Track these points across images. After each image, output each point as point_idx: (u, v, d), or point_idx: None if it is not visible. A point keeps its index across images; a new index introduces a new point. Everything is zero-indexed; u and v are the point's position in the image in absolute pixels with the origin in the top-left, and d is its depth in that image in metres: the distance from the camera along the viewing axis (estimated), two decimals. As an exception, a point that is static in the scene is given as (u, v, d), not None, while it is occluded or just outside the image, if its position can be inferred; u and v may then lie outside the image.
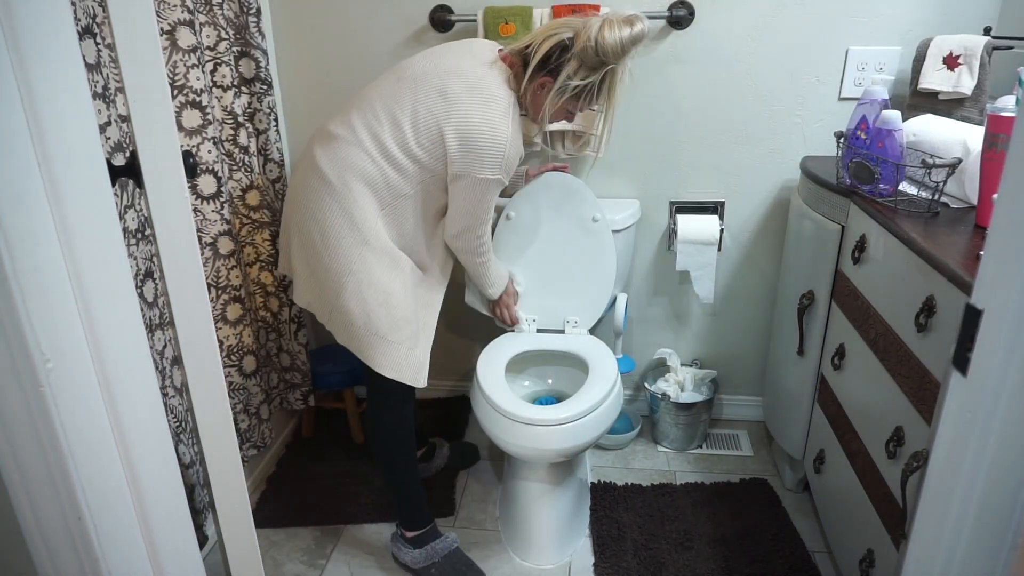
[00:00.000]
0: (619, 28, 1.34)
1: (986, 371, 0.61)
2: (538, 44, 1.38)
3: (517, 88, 1.41)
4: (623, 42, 1.35)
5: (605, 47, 1.34)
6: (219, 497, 0.98)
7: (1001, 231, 0.60)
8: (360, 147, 1.37)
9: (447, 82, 1.36)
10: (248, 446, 1.76)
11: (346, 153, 1.37)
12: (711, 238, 1.85)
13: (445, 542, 1.58)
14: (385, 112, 1.37)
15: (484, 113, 1.34)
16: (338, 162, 1.37)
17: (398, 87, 1.39)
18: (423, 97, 1.36)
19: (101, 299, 0.73)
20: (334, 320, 1.43)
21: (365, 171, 1.37)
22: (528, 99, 1.44)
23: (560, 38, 1.36)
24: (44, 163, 0.66)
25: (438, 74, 1.37)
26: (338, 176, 1.36)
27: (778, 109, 1.83)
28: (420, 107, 1.35)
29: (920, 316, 1.09)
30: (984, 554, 0.65)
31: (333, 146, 1.38)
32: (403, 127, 1.36)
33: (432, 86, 1.36)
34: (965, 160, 1.26)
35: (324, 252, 1.38)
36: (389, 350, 1.41)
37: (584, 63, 1.36)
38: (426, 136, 1.35)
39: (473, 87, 1.35)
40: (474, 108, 1.34)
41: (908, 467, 1.05)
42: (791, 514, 1.74)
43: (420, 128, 1.35)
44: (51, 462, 0.72)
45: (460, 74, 1.37)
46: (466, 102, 1.35)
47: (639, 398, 2.21)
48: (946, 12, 1.69)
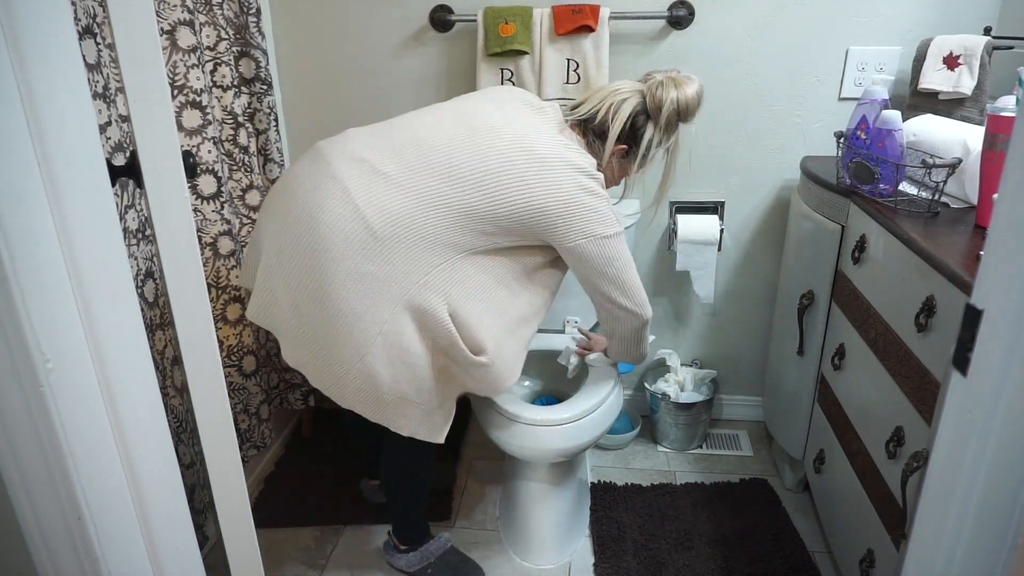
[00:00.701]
0: (689, 85, 1.33)
1: (986, 371, 0.61)
2: (613, 112, 1.32)
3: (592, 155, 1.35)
4: (699, 97, 1.34)
5: (688, 106, 1.33)
6: (219, 497, 0.98)
7: (1001, 231, 0.59)
8: (422, 202, 1.18)
9: (534, 142, 1.24)
10: (248, 446, 1.76)
11: (405, 205, 1.18)
12: (711, 238, 1.85)
13: (438, 542, 1.58)
14: (456, 172, 1.20)
15: (579, 181, 1.25)
16: (392, 212, 1.17)
17: (471, 141, 1.23)
18: (509, 159, 1.22)
19: (101, 299, 0.73)
20: (345, 385, 1.22)
21: (424, 229, 1.18)
22: (612, 168, 1.39)
23: (633, 104, 1.33)
24: (44, 163, 0.66)
25: (521, 129, 1.26)
26: (390, 229, 1.16)
27: (778, 109, 1.83)
28: (506, 174, 1.21)
29: (920, 316, 1.09)
30: (984, 554, 0.65)
31: (381, 187, 1.18)
32: (486, 188, 1.20)
33: (519, 145, 1.23)
34: (965, 160, 1.26)
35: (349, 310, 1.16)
36: (409, 410, 1.26)
37: (663, 125, 1.33)
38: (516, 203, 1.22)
39: (560, 153, 1.26)
40: (568, 177, 1.24)
41: (908, 467, 1.05)
42: (791, 514, 1.74)
43: (506, 195, 1.21)
44: (51, 462, 0.72)
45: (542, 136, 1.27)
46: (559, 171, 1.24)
47: (639, 398, 2.21)
48: (946, 12, 1.69)
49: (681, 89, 1.32)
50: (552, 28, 1.74)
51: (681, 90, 1.32)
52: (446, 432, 1.34)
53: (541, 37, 1.76)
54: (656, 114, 1.32)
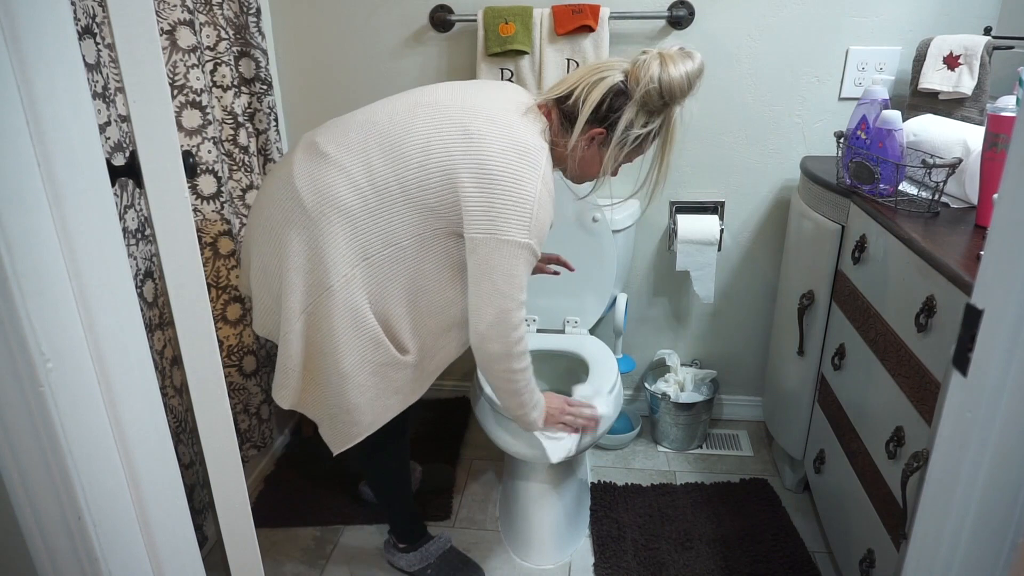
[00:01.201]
0: (681, 63, 1.16)
1: (986, 371, 0.61)
2: (585, 91, 1.18)
3: (554, 143, 1.23)
4: (691, 77, 1.17)
5: (672, 86, 1.15)
6: (219, 497, 0.98)
7: (1001, 231, 0.59)
8: (348, 177, 1.15)
9: (472, 118, 1.15)
10: (248, 446, 1.76)
11: (332, 180, 1.16)
12: (711, 238, 1.85)
13: (438, 543, 1.58)
14: (391, 140, 1.16)
15: (512, 162, 1.12)
16: (320, 187, 1.16)
17: (412, 113, 1.18)
18: (441, 128, 1.15)
19: (101, 299, 0.73)
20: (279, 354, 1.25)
21: (350, 206, 1.15)
22: (577, 155, 1.23)
23: (611, 82, 1.18)
24: (44, 163, 0.66)
25: (463, 108, 1.17)
26: (316, 203, 1.15)
27: (778, 109, 1.83)
28: (435, 141, 1.14)
29: (920, 316, 1.09)
30: (984, 554, 0.65)
31: (319, 166, 1.18)
32: (409, 161, 1.14)
33: (454, 118, 1.16)
34: (965, 160, 1.26)
35: (283, 283, 1.19)
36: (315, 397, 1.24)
37: (645, 107, 1.18)
38: (437, 175, 1.13)
39: (502, 129, 1.15)
40: (500, 154, 1.13)
41: (908, 467, 1.05)
42: (791, 514, 1.74)
43: (431, 165, 1.13)
44: (51, 462, 0.72)
45: (489, 115, 1.16)
46: (492, 145, 1.13)
47: (639, 398, 2.21)
48: (946, 12, 1.69)
49: (667, 66, 1.15)
50: (552, 28, 1.74)
51: (667, 67, 1.15)
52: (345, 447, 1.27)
53: (541, 37, 1.76)
54: (641, 94, 1.17)
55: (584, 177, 1.32)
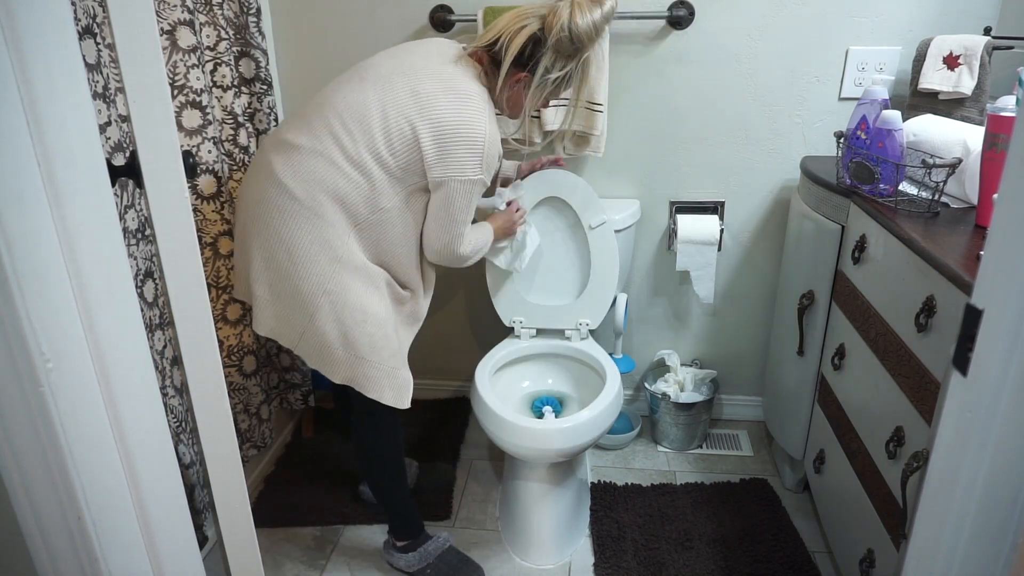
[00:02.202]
0: (590, 10, 1.29)
1: (986, 371, 0.61)
2: (508, 40, 1.32)
3: (489, 85, 1.36)
4: (596, 24, 1.30)
5: (580, 33, 1.29)
6: (219, 497, 0.98)
7: (1001, 231, 0.60)
8: (327, 159, 1.27)
9: (417, 81, 1.29)
10: (248, 446, 1.76)
11: (313, 166, 1.27)
12: (711, 238, 1.85)
13: (437, 542, 1.58)
14: (353, 118, 1.27)
15: (459, 110, 1.27)
16: (304, 175, 1.26)
17: (362, 89, 1.30)
18: (392, 98, 1.28)
19: (101, 299, 0.73)
20: (305, 343, 1.33)
21: (336, 185, 1.27)
22: (504, 97, 1.38)
23: (531, 30, 1.31)
24: (44, 163, 0.66)
25: (405, 73, 1.30)
26: (306, 191, 1.26)
27: (778, 109, 1.83)
28: (390, 109, 1.27)
29: (920, 316, 1.09)
30: (984, 554, 0.65)
31: (296, 158, 1.28)
32: (374, 133, 1.27)
33: (401, 86, 1.28)
34: (965, 160, 1.26)
35: (293, 273, 1.28)
36: (369, 371, 1.33)
37: (560, 53, 1.31)
38: (399, 140, 1.27)
39: (445, 84, 1.29)
40: (448, 106, 1.27)
41: (908, 467, 1.05)
42: (791, 514, 1.74)
43: (392, 132, 1.27)
44: (51, 462, 0.72)
45: (429, 72, 1.30)
46: (440, 100, 1.27)
47: (639, 398, 2.21)
48: (946, 12, 1.69)
49: (575, 15, 1.28)
50: (552, 28, 1.74)
51: (575, 16, 1.28)
52: (410, 396, 1.40)
53: (541, 37, 1.76)
54: (553, 42, 1.30)
55: (514, 116, 1.46)
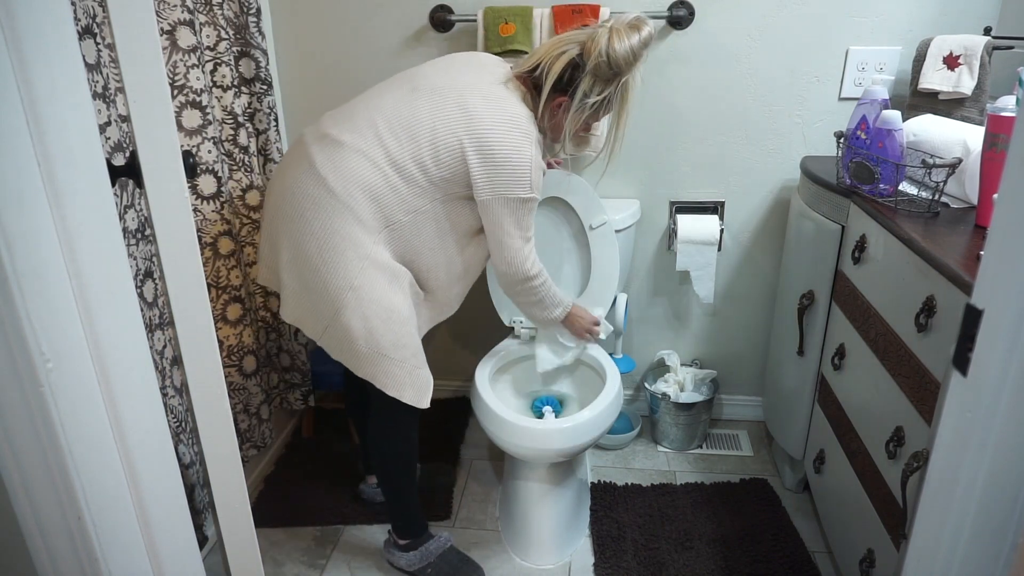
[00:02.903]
0: (628, 36, 1.31)
1: (986, 371, 0.61)
2: (548, 65, 1.34)
3: (532, 109, 1.37)
4: (634, 50, 1.32)
5: (618, 59, 1.31)
6: (219, 497, 0.98)
7: (1001, 231, 0.59)
8: (368, 159, 1.29)
9: (467, 98, 1.31)
10: (248, 446, 1.76)
11: (355, 164, 1.29)
12: (711, 238, 1.85)
13: (438, 542, 1.58)
14: (401, 125, 1.30)
15: (507, 131, 1.30)
16: (344, 172, 1.29)
17: (414, 98, 1.33)
18: (443, 111, 1.30)
19: (101, 299, 0.73)
20: (329, 336, 1.34)
21: (374, 185, 1.29)
22: (546, 121, 1.40)
23: (570, 56, 1.33)
24: (44, 163, 0.66)
25: (457, 89, 1.32)
26: (343, 186, 1.28)
27: (778, 109, 1.83)
28: (439, 122, 1.30)
29: (920, 316, 1.09)
30: (984, 554, 0.65)
31: (338, 154, 1.30)
32: (420, 141, 1.30)
33: (452, 100, 1.31)
34: (965, 160, 1.26)
35: (322, 266, 1.30)
36: (392, 368, 1.34)
37: (599, 78, 1.33)
38: (446, 152, 1.30)
39: (494, 105, 1.31)
40: (497, 126, 1.30)
41: (908, 467, 1.05)
42: (791, 514, 1.74)
43: (440, 146, 1.29)
44: (51, 462, 0.72)
45: (480, 91, 1.32)
46: (488, 120, 1.30)
47: (639, 398, 2.21)
48: (946, 12, 1.69)
49: (614, 41, 1.30)
50: (552, 28, 1.74)
51: (614, 41, 1.30)
52: (429, 396, 1.39)
53: (541, 37, 1.76)
54: (592, 67, 1.32)
55: (555, 140, 1.47)
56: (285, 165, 1.38)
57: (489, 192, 1.32)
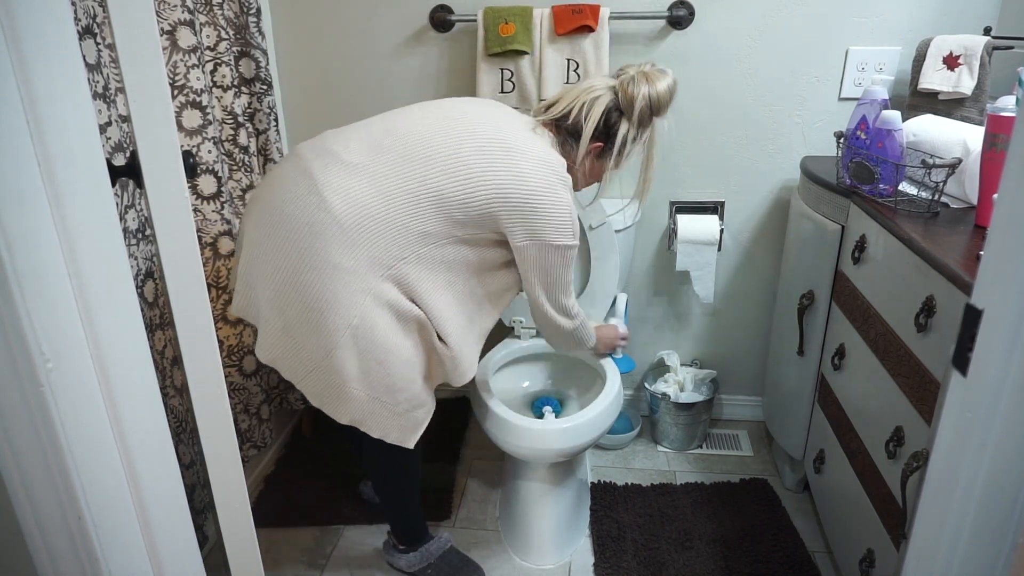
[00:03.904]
0: (662, 79, 1.33)
1: (986, 371, 0.61)
2: (586, 111, 1.32)
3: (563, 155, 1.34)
4: (671, 91, 1.34)
5: (660, 101, 1.32)
6: (219, 497, 0.98)
7: (1001, 231, 0.59)
8: (384, 190, 1.18)
9: (506, 135, 1.24)
10: (248, 446, 1.76)
11: (370, 193, 1.17)
12: (711, 238, 1.85)
13: (438, 542, 1.58)
14: (427, 153, 1.20)
15: (547, 177, 1.24)
16: (356, 199, 1.16)
17: (447, 127, 1.23)
18: (481, 146, 1.21)
19: (101, 299, 0.73)
20: (314, 379, 1.22)
21: (388, 217, 1.17)
22: (586, 167, 1.38)
23: (606, 101, 1.32)
24: (44, 163, 0.66)
25: (495, 123, 1.26)
26: (354, 216, 1.16)
27: (778, 109, 1.83)
28: (477, 159, 1.20)
29: (920, 316, 1.09)
30: (984, 554, 0.65)
31: (348, 176, 1.18)
32: (455, 175, 1.19)
33: (490, 136, 1.23)
34: (965, 160, 1.26)
35: (318, 302, 1.16)
36: (380, 411, 1.25)
37: (639, 122, 1.33)
38: (481, 191, 1.20)
39: (532, 148, 1.26)
40: (535, 171, 1.23)
41: (908, 467, 1.05)
42: (791, 514, 1.74)
43: (474, 181, 1.20)
44: (51, 462, 0.72)
45: (515, 131, 1.27)
46: (527, 163, 1.23)
47: (639, 398, 2.21)
48: (946, 12, 1.69)
49: (653, 84, 1.32)
50: (552, 28, 1.74)
51: (653, 85, 1.32)
52: (417, 437, 1.31)
53: (541, 37, 1.76)
54: (629, 110, 1.32)
55: (585, 184, 1.45)
56: (277, 183, 1.23)
57: (528, 236, 1.25)
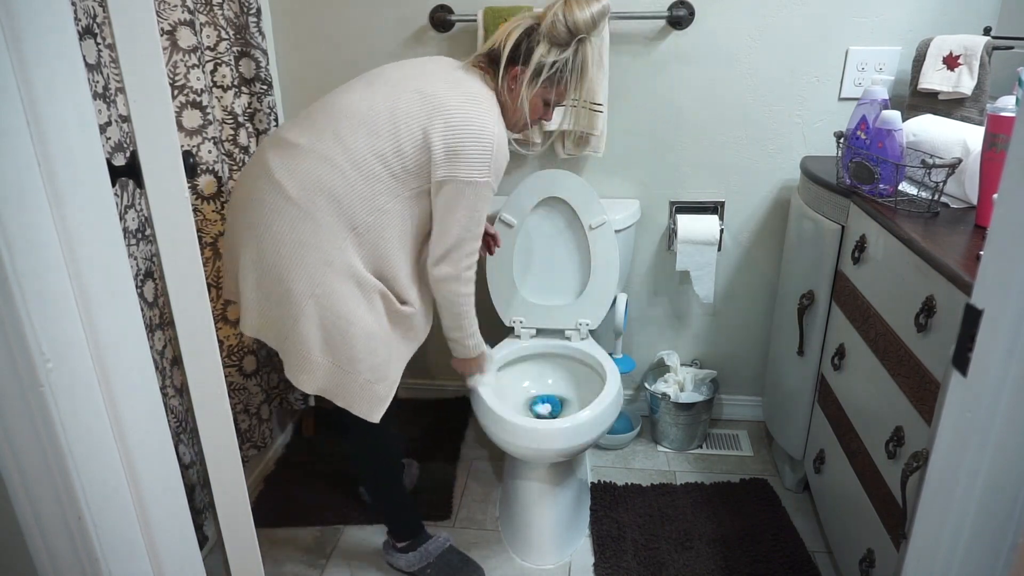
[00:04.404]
0: (586, 5, 1.33)
1: (986, 371, 0.61)
2: (504, 38, 1.35)
3: (493, 88, 1.36)
4: (593, 15, 1.33)
5: (575, 19, 1.32)
6: (219, 497, 0.98)
7: (1001, 231, 0.59)
8: (326, 159, 1.24)
9: (425, 83, 1.29)
10: (248, 446, 1.76)
11: (311, 166, 1.24)
12: (711, 238, 1.85)
13: (437, 542, 1.58)
14: (358, 118, 1.27)
15: (468, 110, 1.27)
16: (300, 175, 1.24)
17: (371, 93, 1.30)
18: (402, 99, 1.27)
19: (101, 299, 0.73)
20: (289, 347, 1.29)
21: (333, 186, 1.24)
22: (505, 95, 1.38)
23: (525, 25, 1.35)
24: (44, 163, 0.66)
25: (415, 77, 1.31)
26: (300, 191, 1.24)
27: (778, 109, 1.83)
28: (399, 110, 1.26)
29: (920, 316, 1.09)
30: (984, 554, 0.65)
31: (294, 157, 1.26)
32: (380, 133, 1.25)
33: (410, 88, 1.29)
34: (965, 160, 1.26)
35: (284, 273, 1.25)
36: (343, 380, 1.30)
37: (554, 41, 1.33)
38: (408, 141, 1.26)
39: (454, 86, 1.30)
40: (457, 105, 1.27)
41: (908, 467, 1.05)
42: (791, 514, 1.74)
43: (401, 133, 1.26)
44: (51, 462, 0.72)
45: (438, 76, 1.32)
46: (449, 100, 1.27)
47: (639, 398, 2.21)
48: (946, 12, 1.69)
49: (572, 7, 1.32)
50: (552, 28, 1.74)
51: (571, 7, 1.32)
52: (382, 411, 1.35)
53: (541, 37, 1.75)
54: (547, 29, 1.33)
55: (518, 120, 1.42)
56: (243, 174, 1.34)
57: (447, 171, 1.27)
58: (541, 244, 1.80)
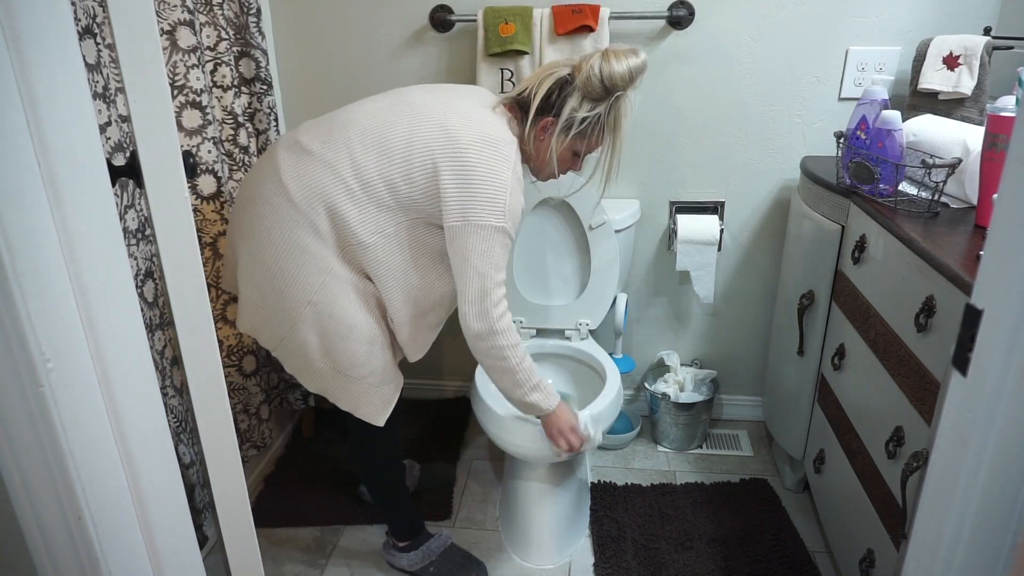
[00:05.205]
0: (625, 58, 1.27)
1: (986, 371, 0.61)
2: (536, 85, 1.31)
3: (519, 134, 1.32)
4: (631, 70, 1.27)
5: (612, 75, 1.26)
6: (219, 497, 0.98)
7: (1001, 231, 0.59)
8: (334, 172, 1.23)
9: (449, 117, 1.25)
10: (248, 446, 1.76)
11: (319, 175, 1.23)
12: (711, 238, 1.85)
13: (439, 540, 1.58)
14: (374, 137, 1.24)
15: (485, 154, 1.23)
16: (307, 182, 1.23)
17: (392, 113, 1.27)
18: (421, 127, 1.24)
19: (101, 299, 0.73)
20: (284, 349, 1.30)
21: (336, 200, 1.23)
22: (531, 144, 1.33)
23: (559, 75, 1.29)
24: (44, 163, 0.66)
25: (439, 107, 1.27)
26: (304, 197, 1.23)
27: (778, 109, 1.83)
28: (416, 138, 1.23)
29: (920, 316, 1.09)
30: (984, 554, 0.65)
31: (304, 162, 1.25)
32: (392, 157, 1.23)
33: (432, 118, 1.25)
34: (965, 160, 1.26)
35: (279, 276, 1.25)
36: (347, 385, 1.31)
37: (588, 95, 1.27)
38: (419, 170, 1.23)
39: (476, 127, 1.25)
40: (474, 147, 1.23)
41: (908, 467, 1.05)
42: (791, 514, 1.74)
43: (413, 161, 1.23)
44: (51, 462, 0.72)
45: (462, 112, 1.27)
46: (467, 140, 1.23)
47: (639, 398, 2.21)
48: (946, 12, 1.69)
49: (609, 60, 1.26)
50: (552, 28, 1.74)
51: (608, 61, 1.26)
52: (387, 414, 1.36)
53: (541, 37, 1.76)
54: (582, 82, 1.27)
55: (543, 169, 1.39)
56: (254, 170, 1.33)
57: (459, 217, 1.22)
58: (541, 244, 1.80)
